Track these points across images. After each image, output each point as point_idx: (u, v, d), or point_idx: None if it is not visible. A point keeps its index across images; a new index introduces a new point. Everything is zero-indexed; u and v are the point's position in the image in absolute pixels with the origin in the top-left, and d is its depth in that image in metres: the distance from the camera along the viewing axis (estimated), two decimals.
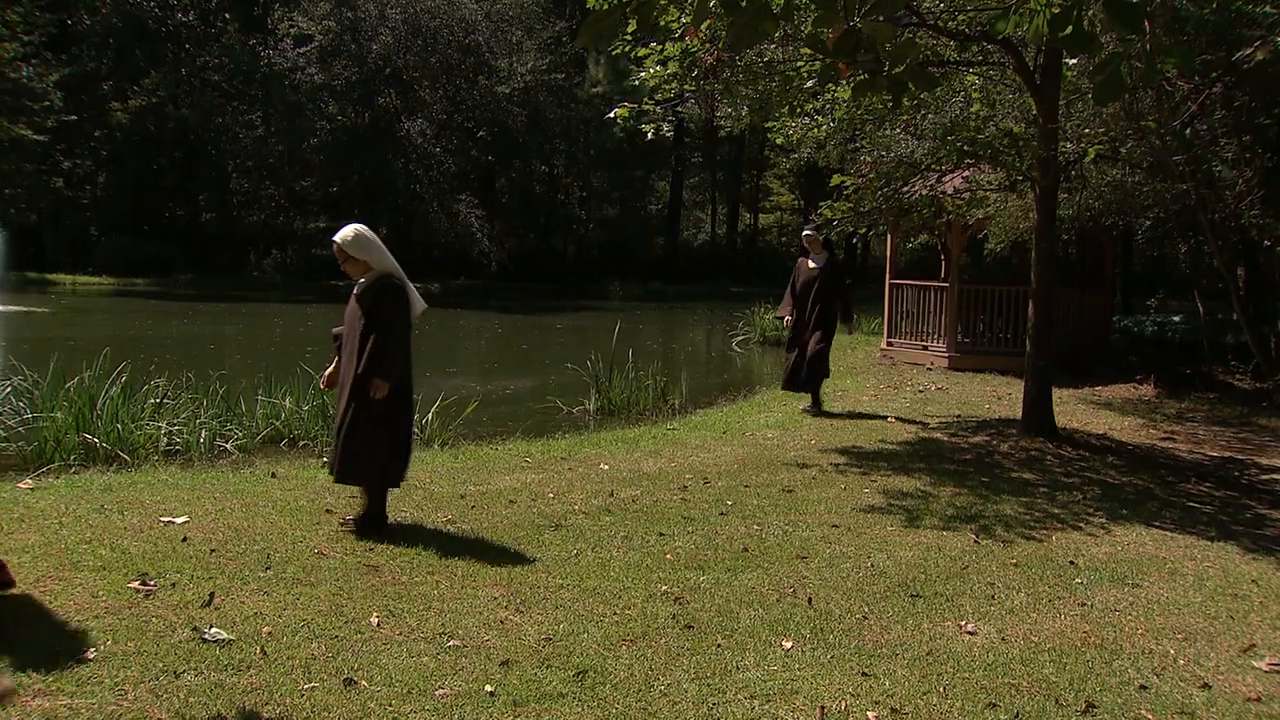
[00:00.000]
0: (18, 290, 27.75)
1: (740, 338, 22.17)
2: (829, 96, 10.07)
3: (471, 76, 44.54)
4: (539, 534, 5.71)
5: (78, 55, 42.09)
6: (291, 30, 43.93)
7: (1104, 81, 2.86)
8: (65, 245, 41.06)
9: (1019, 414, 9.96)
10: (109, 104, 42.46)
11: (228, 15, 44.02)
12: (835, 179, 11.14)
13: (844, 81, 7.18)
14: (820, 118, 10.66)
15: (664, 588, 4.85)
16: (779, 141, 11.29)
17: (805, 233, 10.84)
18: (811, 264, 10.75)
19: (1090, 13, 2.74)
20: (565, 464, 7.89)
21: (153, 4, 42.13)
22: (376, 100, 42.78)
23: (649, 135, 9.19)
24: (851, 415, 10.88)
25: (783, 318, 11.10)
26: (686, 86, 8.79)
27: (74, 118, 39.84)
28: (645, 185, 54.10)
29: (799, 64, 8.86)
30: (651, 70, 8.63)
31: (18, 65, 38.53)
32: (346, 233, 5.50)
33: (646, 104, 8.98)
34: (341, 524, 5.61)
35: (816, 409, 10.88)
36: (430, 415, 9.80)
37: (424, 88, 43.72)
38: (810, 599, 4.80)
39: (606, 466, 7.80)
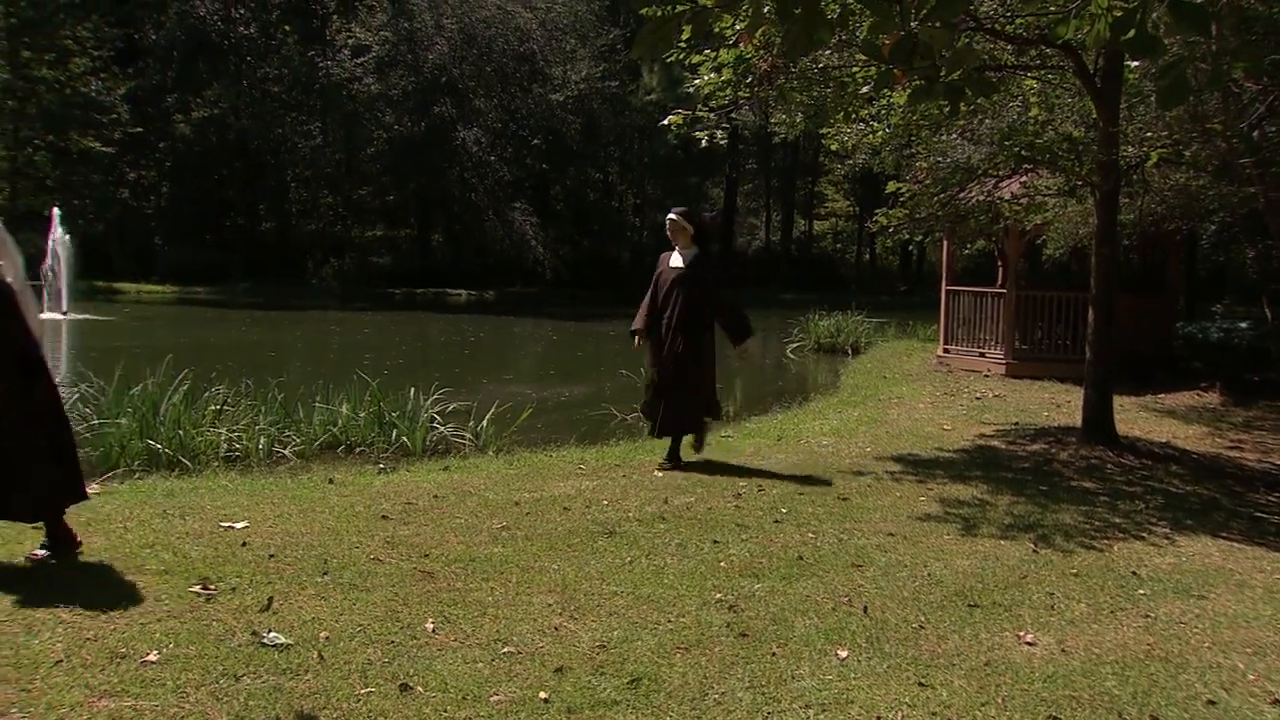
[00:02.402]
0: (85, 299, 28.38)
1: (795, 345, 22.05)
2: (884, 102, 10.01)
3: (526, 85, 44.86)
4: (593, 540, 5.72)
5: (143, 69, 43.03)
6: (349, 41, 44.54)
7: (1168, 86, 2.80)
8: (130, 254, 41.93)
9: (1078, 422, 9.80)
10: (172, 116, 43.35)
11: (287, 27, 44.73)
12: (891, 185, 11.05)
13: (900, 87, 7.14)
14: (876, 124, 10.59)
15: (718, 595, 4.83)
16: (834, 148, 11.23)
17: (669, 216, 7.95)
18: (675, 260, 7.91)
19: (1154, 15, 2.69)
20: (619, 471, 7.89)
21: (215, 17, 42.94)
22: (432, 109, 43.21)
23: (703, 142, 9.17)
24: (872, 421, 10.76)
25: (635, 334, 8.13)
26: (741, 93, 8.77)
27: (139, 130, 40.73)
28: (699, 192, 54.05)
29: (854, 70, 8.81)
30: (706, 77, 8.62)
31: (87, 79, 39.52)
32: None
33: (700, 111, 8.97)
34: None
35: (674, 462, 7.97)
36: (485, 422, 9.87)
37: (479, 96, 44.10)
38: (866, 607, 4.75)
39: (660, 474, 7.79)
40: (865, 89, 8.83)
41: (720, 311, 7.96)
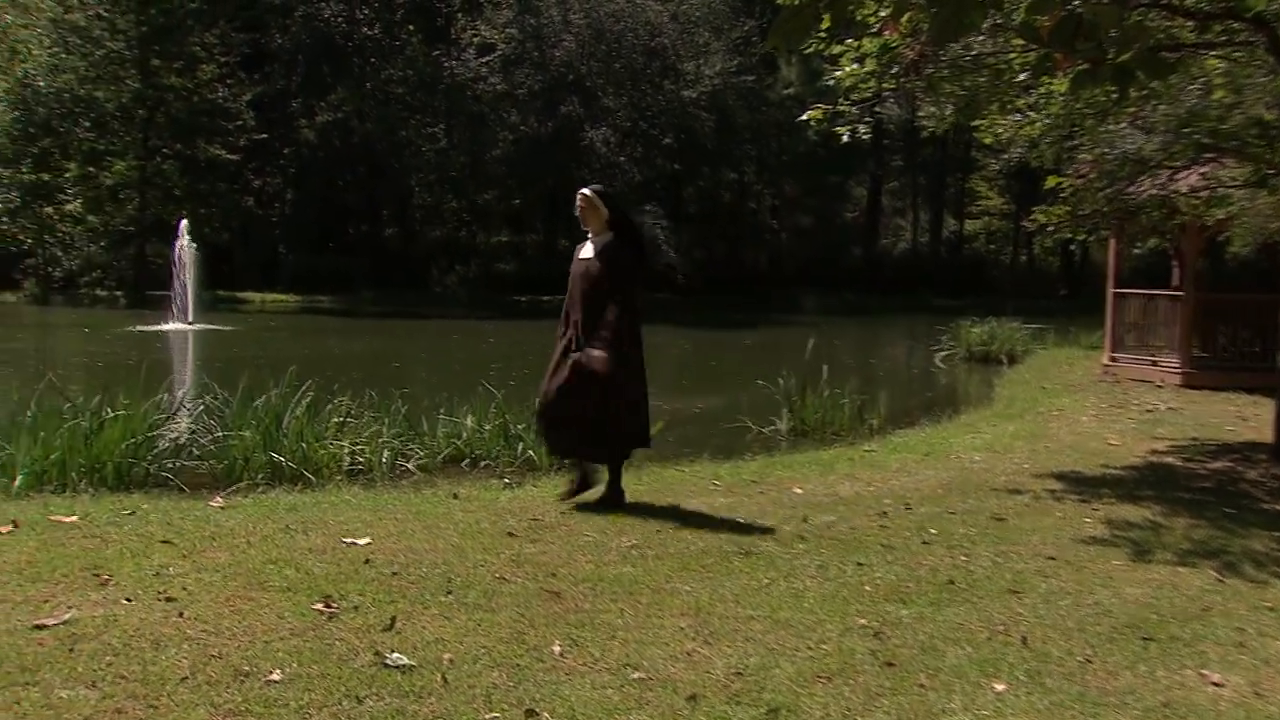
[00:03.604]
0: (210, 309, 29.67)
1: (944, 353, 21.62)
2: (1044, 90, 9.71)
3: (657, 81, 45.15)
4: (728, 561, 5.69)
5: (268, 74, 44.81)
6: (474, 40, 45.55)
7: None
8: (255, 263, 43.69)
9: (1270, 438, 9.33)
10: (297, 121, 44.98)
11: (411, 27, 46.00)
12: (1051, 180, 10.75)
13: (1061, 73, 6.92)
14: (1034, 114, 10.29)
15: (862, 621, 4.76)
16: (987, 141, 10.96)
17: (579, 193, 6.96)
18: (585, 251, 6.95)
19: None
20: (755, 487, 7.84)
21: (340, 19, 44.45)
22: (559, 109, 43.86)
23: (844, 138, 9.06)
24: (1029, 435, 10.43)
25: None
26: (885, 85, 8.63)
27: (264, 136, 42.43)
28: (841, 191, 53.57)
29: (1010, 56, 8.58)
30: (847, 69, 8.52)
31: (214, 86, 41.42)
32: None
33: (842, 105, 8.87)
34: None
35: (576, 490, 7.02)
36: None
37: (608, 94, 44.57)
38: (1025, 638, 4.61)
39: (800, 490, 7.72)
40: (1022, 76, 8.60)
41: (610, 307, 6.65)
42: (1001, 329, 21.85)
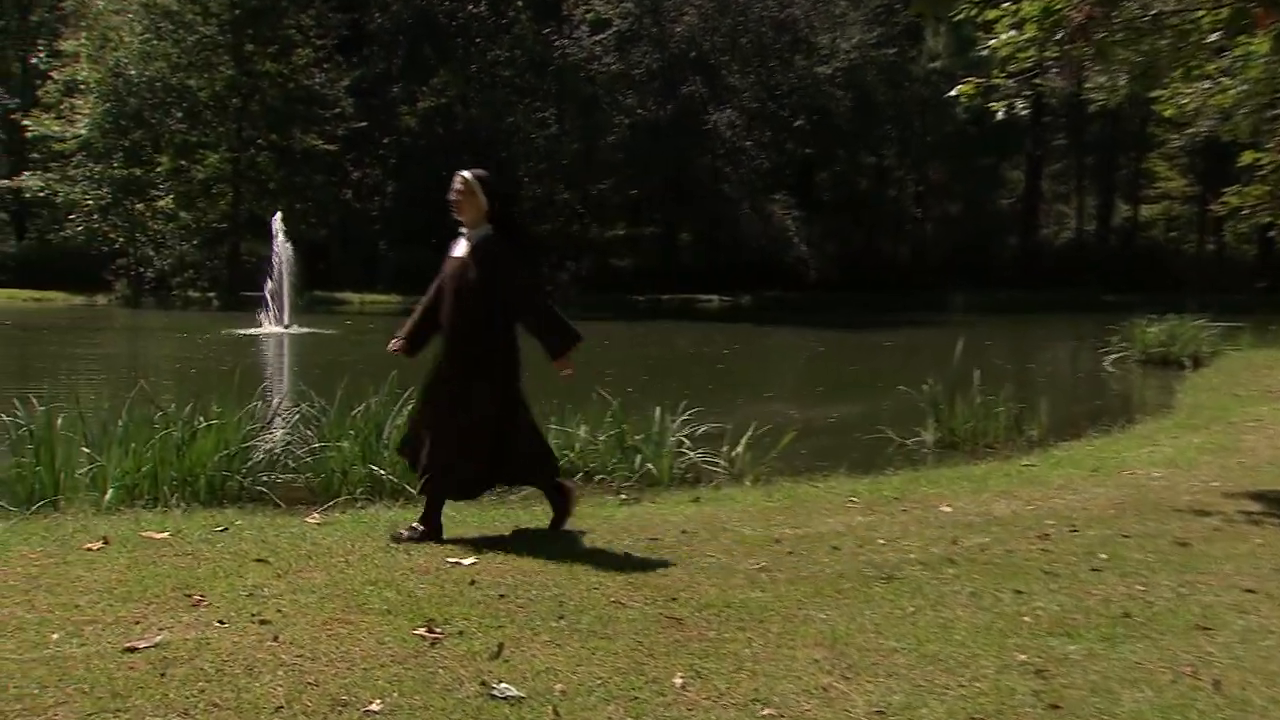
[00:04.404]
0: (306, 310, 30.46)
1: (1115, 355, 21.08)
2: (1239, 52, 9.39)
3: (787, 57, 44.96)
4: (867, 587, 5.62)
5: (367, 57, 45.78)
6: (587, 16, 45.93)
7: None
8: (353, 261, 44.72)
9: None
10: (397, 108, 45.87)
11: (519, 4, 46.56)
12: (1247, 156, 10.40)
13: (1261, 32, 6.67)
14: (1226, 80, 9.96)
15: (1021, 657, 4.64)
16: (1168, 114, 10.66)
17: (458, 175, 6.59)
18: (459, 248, 6.59)
19: None
20: (898, 505, 7.75)
21: None
22: (680, 89, 43.96)
23: (999, 115, 8.90)
24: (1219, 449, 10.04)
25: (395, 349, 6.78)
26: (1047, 53, 8.46)
27: (363, 124, 43.37)
28: (994, 175, 52.62)
29: (1198, 14, 8.32)
30: (1003, 36, 8.37)
31: (310, 72, 42.53)
32: None
33: (997, 77, 8.72)
34: None
35: (423, 531, 6.30)
36: (741, 447, 9.89)
37: (733, 73, 44.55)
38: (1218, 682, 4.44)
39: (948, 509, 7.60)
40: (1213, 37, 8.32)
41: (525, 312, 6.41)
42: (1184, 327, 21.27)
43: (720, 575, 5.77)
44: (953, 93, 8.91)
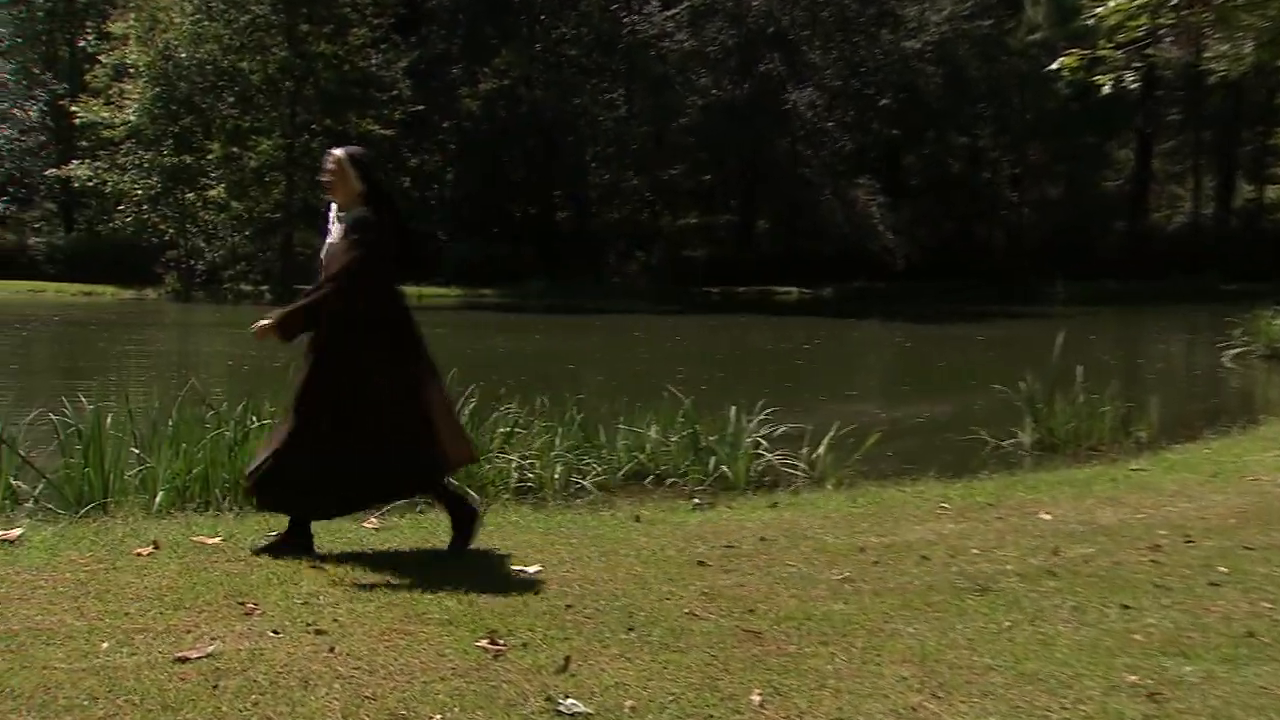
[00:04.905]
0: None
1: (1236, 350, 20.71)
2: None
3: (872, 31, 44.68)
4: (960, 599, 5.57)
5: (426, 37, 46.06)
6: None
7: None
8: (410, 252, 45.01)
9: None
10: (458, 90, 46.12)
11: None
12: None
13: None
14: None
15: (1131, 678, 4.57)
16: None
17: (330, 154, 6.32)
18: (331, 229, 6.35)
19: None
20: (993, 511, 7.69)
21: None
22: (757, 67, 43.83)
23: (1105, 89, 8.79)
24: None
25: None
26: (1161, 20, 8.33)
27: (420, 108, 43.62)
28: (1099, 155, 51.83)
29: None
30: (1112, 3, 8.26)
31: (366, 52, 42.88)
32: None
33: (1103, 48, 8.59)
34: None
35: (288, 541, 6.13)
36: (822, 448, 9.85)
37: (814, 49, 44.35)
38: None
39: (1048, 516, 7.51)
40: None
41: (323, 283, 6.08)
42: None
43: (801, 586, 5.75)
44: (1054, 66, 8.82)
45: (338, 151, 6.26)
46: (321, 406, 5.97)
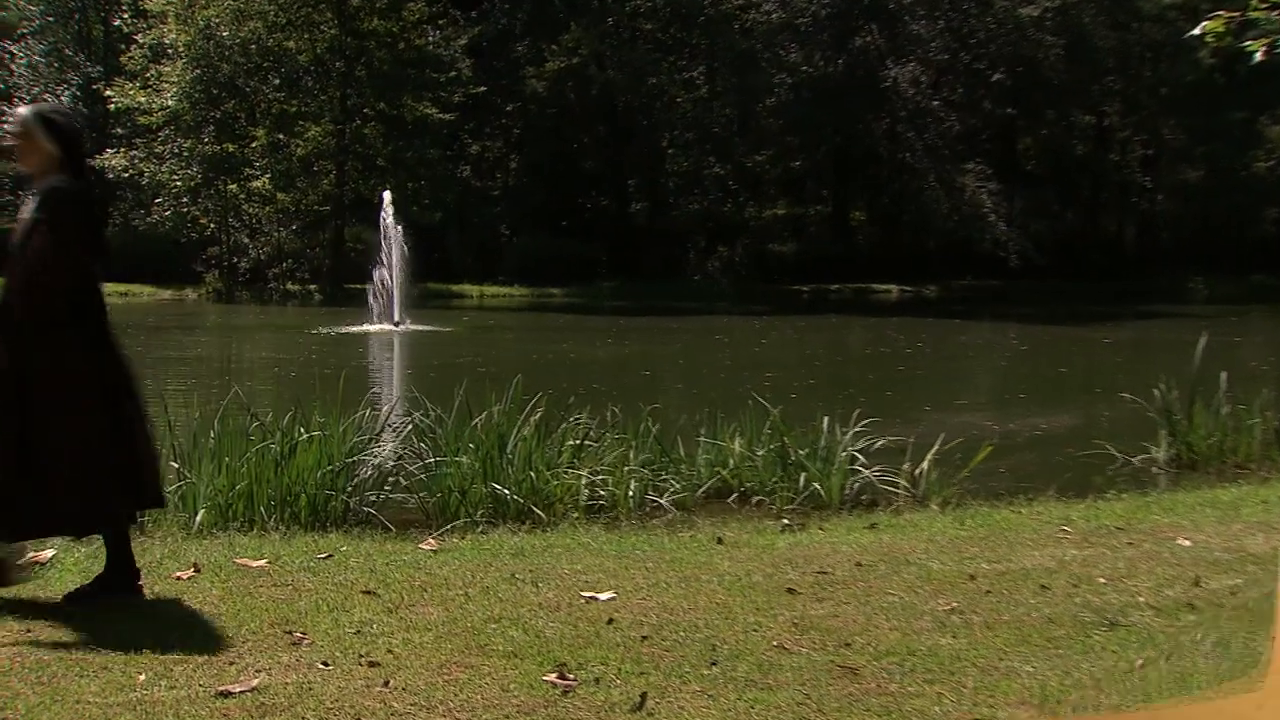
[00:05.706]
0: (419, 305, 30.90)
1: None
2: None
3: None
4: (1085, 634, 5.50)
5: (487, 12, 46.25)
6: None
7: None
8: (472, 248, 45.15)
9: None
10: (522, 70, 46.24)
11: None
12: None
13: None
14: None
15: None
16: None
17: (13, 120, 5.97)
18: (26, 208, 5.97)
19: None
20: (1122, 536, 7.57)
21: None
22: (853, 41, 43.68)
23: (1257, 58, 8.62)
24: None
25: None
26: None
27: (482, 90, 43.70)
28: (1248, 133, 50.82)
29: None
30: None
31: (423, 30, 43.02)
32: None
33: (1256, 9, 8.43)
34: None
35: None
36: (926, 464, 9.76)
37: (917, 19, 44.09)
38: None
39: (1187, 542, 7.38)
40: None
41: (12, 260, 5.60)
42: None
43: (903, 617, 5.71)
44: (1195, 32, 8.65)
45: (23, 111, 5.91)
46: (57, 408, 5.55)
